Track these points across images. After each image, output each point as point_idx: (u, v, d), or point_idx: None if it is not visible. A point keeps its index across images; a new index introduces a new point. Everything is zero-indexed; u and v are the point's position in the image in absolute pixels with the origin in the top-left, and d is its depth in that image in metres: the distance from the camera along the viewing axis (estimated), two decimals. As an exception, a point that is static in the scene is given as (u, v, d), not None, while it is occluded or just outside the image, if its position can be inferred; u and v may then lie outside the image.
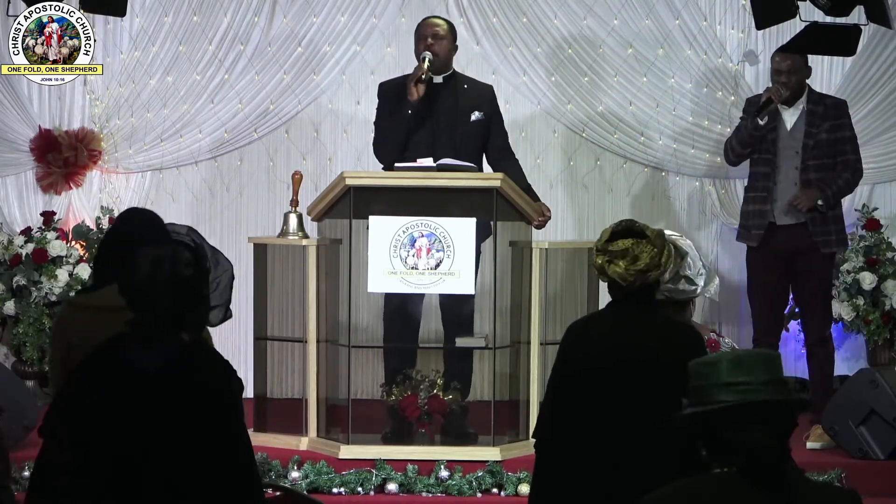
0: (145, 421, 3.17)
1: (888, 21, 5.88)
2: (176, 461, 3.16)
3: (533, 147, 7.66)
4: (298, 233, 6.39)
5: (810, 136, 6.44)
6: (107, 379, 3.23)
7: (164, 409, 3.18)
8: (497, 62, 7.58)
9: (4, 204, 7.50)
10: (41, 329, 7.12)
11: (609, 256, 3.86)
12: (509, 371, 6.19)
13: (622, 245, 3.85)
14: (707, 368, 2.89)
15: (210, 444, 3.18)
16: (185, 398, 3.20)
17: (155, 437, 3.17)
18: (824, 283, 6.57)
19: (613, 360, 3.81)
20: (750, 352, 2.92)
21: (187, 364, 3.25)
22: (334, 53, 7.57)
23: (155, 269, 3.24)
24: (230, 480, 3.21)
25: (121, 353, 3.25)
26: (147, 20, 7.52)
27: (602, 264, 3.88)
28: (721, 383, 2.84)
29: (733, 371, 2.84)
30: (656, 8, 7.50)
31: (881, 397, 6.06)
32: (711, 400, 2.84)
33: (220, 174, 7.69)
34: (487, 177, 6.05)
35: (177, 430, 3.17)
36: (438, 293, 6.21)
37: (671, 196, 7.66)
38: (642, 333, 3.85)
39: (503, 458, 5.87)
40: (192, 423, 3.18)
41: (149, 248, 3.29)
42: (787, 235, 6.45)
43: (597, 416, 3.78)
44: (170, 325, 3.26)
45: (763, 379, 2.83)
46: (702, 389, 2.88)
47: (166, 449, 3.16)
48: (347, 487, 5.75)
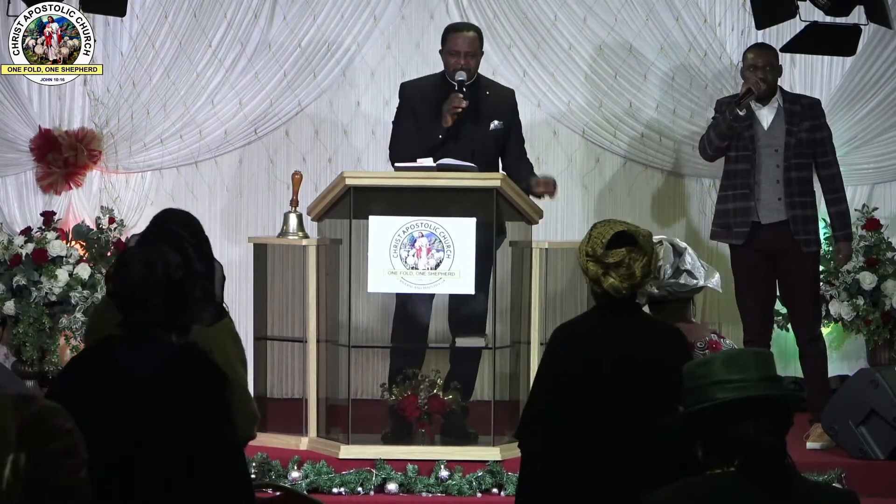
0: (136, 424, 3.17)
1: (888, 21, 5.88)
2: (165, 464, 3.16)
3: (533, 147, 7.64)
4: (298, 233, 6.39)
5: (791, 134, 6.41)
6: (98, 381, 3.22)
7: (154, 411, 3.18)
8: (497, 62, 7.57)
9: (4, 204, 7.50)
10: (41, 329, 7.12)
11: (604, 268, 3.79)
12: (509, 371, 6.19)
13: (617, 256, 3.77)
14: (701, 369, 2.91)
15: (198, 446, 3.18)
16: (175, 401, 3.19)
17: (145, 439, 3.16)
18: (811, 281, 6.50)
19: (608, 361, 3.77)
20: (743, 350, 2.95)
21: (177, 367, 3.24)
22: (334, 53, 7.57)
23: (146, 272, 3.24)
24: (219, 483, 3.20)
25: (112, 355, 3.25)
26: (147, 20, 7.52)
27: (597, 275, 3.80)
28: (716, 381, 2.85)
29: (727, 369, 2.86)
30: (656, 8, 7.50)
31: (881, 397, 6.06)
32: (707, 398, 2.84)
33: (220, 174, 7.69)
34: (487, 177, 6.04)
35: (166, 433, 3.17)
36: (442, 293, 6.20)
37: (671, 196, 7.66)
38: (633, 334, 3.81)
39: (503, 458, 5.87)
40: (182, 425, 3.17)
41: (139, 250, 3.29)
42: (771, 234, 6.43)
43: (593, 417, 3.75)
44: (161, 328, 3.26)
45: (757, 376, 2.85)
46: (697, 390, 2.89)
47: (156, 451, 3.16)
48: (347, 487, 5.75)
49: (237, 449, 3.32)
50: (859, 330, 7.14)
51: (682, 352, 3.78)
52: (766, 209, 6.43)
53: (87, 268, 7.16)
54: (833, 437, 6.18)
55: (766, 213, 6.43)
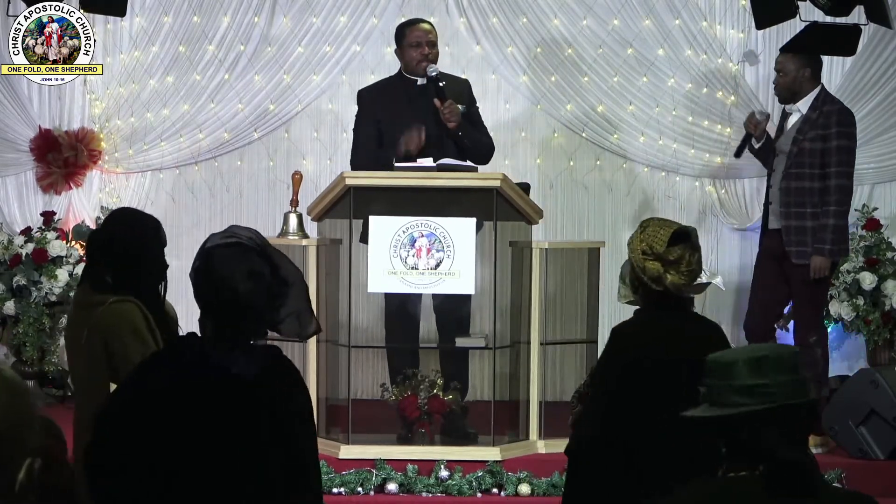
0: (236, 427, 3.09)
1: (888, 21, 5.88)
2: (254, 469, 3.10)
3: (533, 147, 7.67)
4: (298, 233, 6.39)
5: (796, 143, 6.40)
6: (192, 383, 3.15)
7: (254, 415, 3.11)
8: (497, 62, 7.58)
9: (4, 204, 7.50)
10: (41, 329, 7.12)
11: (665, 266, 3.80)
12: (509, 371, 6.19)
13: (677, 253, 3.80)
14: (723, 369, 2.80)
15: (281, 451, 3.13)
16: (274, 405, 3.14)
17: (243, 442, 3.10)
18: (810, 289, 6.43)
19: (677, 361, 3.74)
20: (767, 351, 2.83)
21: (276, 372, 3.18)
22: (334, 53, 7.57)
23: (253, 283, 3.16)
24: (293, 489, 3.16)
25: (207, 359, 3.16)
26: (147, 20, 7.52)
27: (659, 273, 3.81)
28: (738, 386, 2.76)
29: (751, 372, 2.76)
30: (656, 8, 7.50)
31: (881, 397, 6.07)
32: (729, 403, 2.79)
33: (220, 174, 7.69)
34: (487, 177, 6.05)
35: (263, 438, 3.11)
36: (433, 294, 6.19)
37: (671, 196, 7.66)
38: (690, 331, 3.84)
39: (503, 458, 5.88)
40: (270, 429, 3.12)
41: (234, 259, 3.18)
42: (776, 240, 6.45)
43: (669, 416, 3.72)
44: (250, 333, 3.19)
45: (782, 380, 2.75)
46: (718, 389, 2.83)
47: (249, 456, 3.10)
48: (347, 487, 5.75)
49: (314, 456, 3.28)
50: (859, 330, 7.14)
51: (726, 346, 3.82)
52: (773, 214, 6.45)
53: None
54: (833, 437, 6.18)
55: (774, 218, 6.45)
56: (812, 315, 6.46)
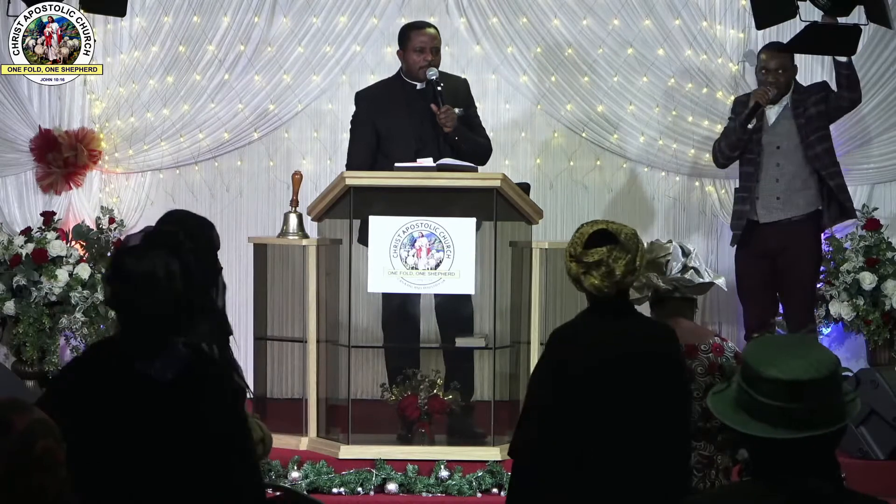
0: (155, 429, 3.13)
1: (888, 21, 5.88)
2: (180, 470, 3.12)
3: (533, 147, 7.66)
4: (298, 233, 6.39)
5: (800, 115, 6.49)
6: (112, 385, 3.16)
7: (173, 418, 3.14)
8: (497, 62, 7.58)
9: (4, 204, 7.50)
10: (41, 329, 7.12)
11: (584, 267, 3.77)
12: (509, 371, 6.19)
13: (597, 255, 3.75)
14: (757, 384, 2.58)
15: (216, 453, 3.15)
16: (196, 408, 3.15)
17: (162, 445, 3.12)
18: (806, 281, 6.50)
19: (604, 362, 3.74)
20: (811, 373, 2.54)
21: (196, 375, 3.20)
22: (334, 53, 7.57)
23: (150, 287, 3.16)
24: (233, 491, 3.17)
25: (127, 360, 3.19)
26: (147, 20, 7.52)
27: (577, 275, 3.79)
28: (774, 408, 2.56)
29: (791, 397, 2.54)
30: (656, 8, 7.50)
31: (881, 397, 6.07)
32: (759, 415, 2.58)
33: (220, 174, 7.69)
34: (487, 177, 6.05)
35: (184, 439, 3.13)
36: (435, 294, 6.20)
37: (671, 196, 7.66)
38: (626, 333, 3.80)
39: (503, 458, 5.86)
40: (201, 432, 3.13)
41: (137, 261, 3.19)
42: (768, 233, 6.46)
43: (594, 419, 3.73)
44: (167, 333, 3.21)
45: (819, 406, 2.54)
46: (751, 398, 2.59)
47: (171, 458, 3.12)
48: (347, 487, 5.75)
49: (253, 460, 3.29)
50: (859, 330, 7.14)
51: (675, 349, 3.80)
52: (764, 208, 6.45)
53: (87, 268, 7.16)
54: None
55: (765, 212, 6.45)
56: (809, 308, 6.58)
